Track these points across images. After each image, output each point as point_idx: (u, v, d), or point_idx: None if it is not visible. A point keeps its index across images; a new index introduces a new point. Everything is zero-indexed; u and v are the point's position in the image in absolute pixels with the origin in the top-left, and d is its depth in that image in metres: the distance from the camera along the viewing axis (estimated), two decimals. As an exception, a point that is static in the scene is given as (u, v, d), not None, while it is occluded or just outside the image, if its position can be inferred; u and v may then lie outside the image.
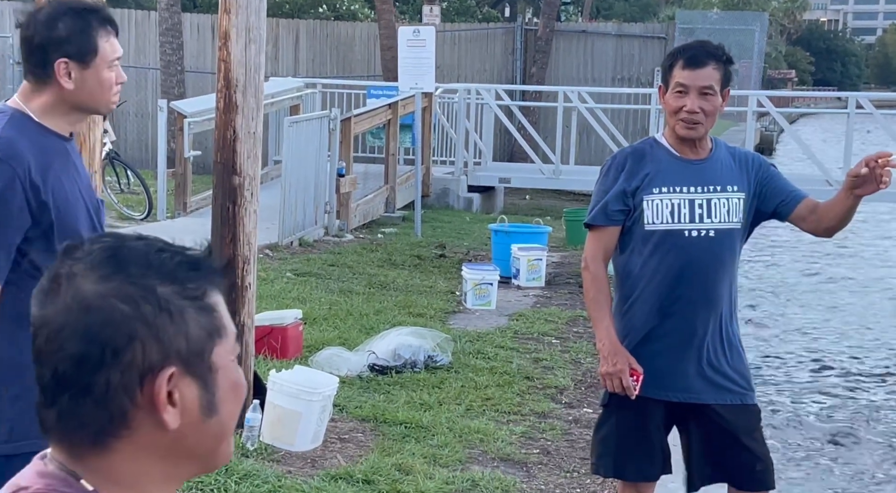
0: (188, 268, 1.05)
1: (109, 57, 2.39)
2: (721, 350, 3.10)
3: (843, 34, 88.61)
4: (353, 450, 4.58)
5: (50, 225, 2.33)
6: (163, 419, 1.02)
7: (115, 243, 1.05)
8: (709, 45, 3.10)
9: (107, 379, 1.01)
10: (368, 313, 7.03)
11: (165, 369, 1.02)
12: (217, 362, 1.06)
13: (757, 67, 22.11)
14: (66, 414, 1.02)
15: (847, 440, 6.20)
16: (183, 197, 10.52)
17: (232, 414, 1.08)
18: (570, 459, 4.69)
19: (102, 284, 1.02)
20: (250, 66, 4.51)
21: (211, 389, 1.06)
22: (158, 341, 1.02)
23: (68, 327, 1.01)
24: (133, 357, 1.01)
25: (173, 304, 1.03)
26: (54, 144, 2.39)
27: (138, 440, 1.03)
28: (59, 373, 1.02)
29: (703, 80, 3.00)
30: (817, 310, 10.07)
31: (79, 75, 2.36)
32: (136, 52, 16.78)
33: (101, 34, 2.38)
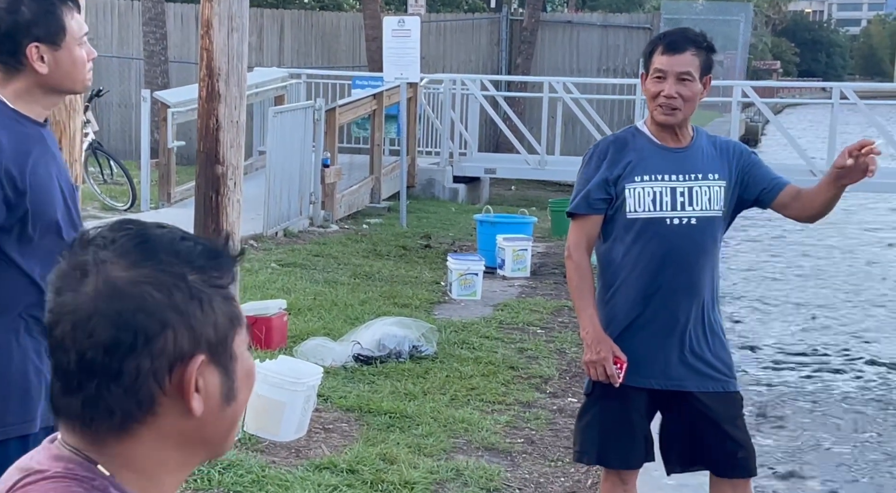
0: (211, 256, 1.06)
1: (77, 34, 2.34)
2: (703, 338, 3.11)
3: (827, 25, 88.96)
4: (337, 440, 4.58)
5: (25, 213, 2.28)
6: (191, 405, 1.03)
7: (142, 231, 1.05)
8: (689, 32, 3.11)
9: (137, 365, 1.01)
10: (353, 303, 7.02)
11: (196, 357, 1.03)
12: (236, 351, 1.08)
13: (742, 58, 22.18)
14: (93, 400, 1.02)
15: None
16: (167, 187, 10.48)
17: (244, 402, 1.10)
18: (555, 448, 4.71)
19: (134, 270, 1.02)
20: (233, 55, 4.49)
21: (231, 376, 1.07)
22: (190, 329, 1.03)
23: (99, 313, 1.01)
24: (165, 344, 1.01)
25: (203, 292, 1.04)
26: (31, 130, 2.34)
27: (162, 426, 1.04)
28: (88, 360, 1.01)
29: (682, 65, 3.01)
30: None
31: (51, 57, 2.31)
32: (120, 42, 16.69)
33: (66, 12, 2.33)
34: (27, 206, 2.27)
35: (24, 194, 2.26)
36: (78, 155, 3.29)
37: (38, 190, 2.30)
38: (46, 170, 2.35)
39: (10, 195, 2.25)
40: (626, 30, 17.76)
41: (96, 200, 10.50)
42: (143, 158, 10.61)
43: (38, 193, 2.29)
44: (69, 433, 1.05)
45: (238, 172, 4.63)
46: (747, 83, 14.15)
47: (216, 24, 4.46)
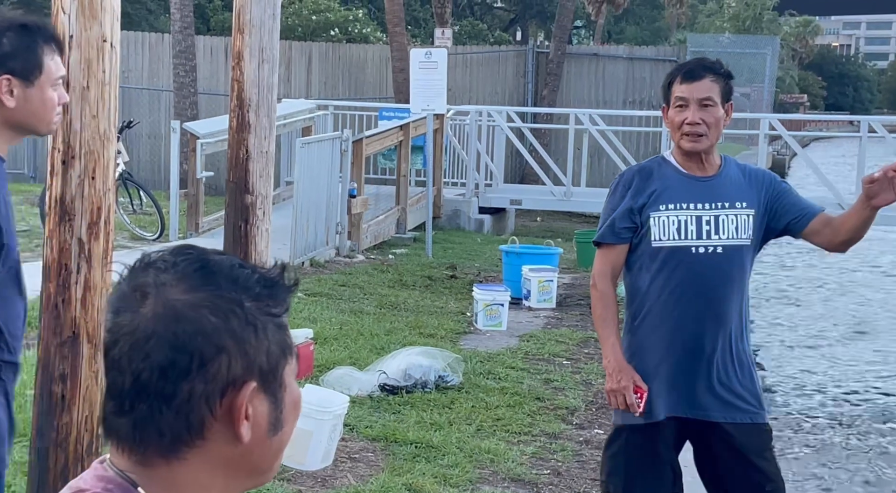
0: (267, 285, 1.07)
1: (54, 75, 2.31)
2: (731, 367, 3.09)
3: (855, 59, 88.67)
4: (363, 470, 4.58)
5: (1, 249, 2.23)
6: (239, 432, 1.04)
7: (203, 256, 1.07)
8: (705, 60, 3.14)
9: (191, 388, 1.02)
10: (379, 333, 7.04)
11: (248, 384, 1.04)
12: (285, 379, 1.08)
13: (769, 91, 22.14)
14: (144, 422, 1.03)
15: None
16: (195, 217, 10.57)
17: (290, 432, 1.10)
18: (581, 480, 4.68)
19: (192, 294, 1.03)
20: (263, 86, 4.55)
21: (279, 406, 1.07)
22: (244, 355, 1.03)
23: (157, 335, 1.02)
24: (219, 369, 1.02)
25: (259, 319, 1.05)
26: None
27: (209, 451, 1.04)
28: (142, 381, 1.02)
29: (702, 92, 3.03)
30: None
31: (21, 93, 2.27)
32: (150, 74, 16.92)
33: (47, 52, 2.30)
34: (3, 242, 2.22)
35: (2, 232, 2.22)
36: (112, 184, 3.32)
37: (9, 228, 2.26)
38: (8, 207, 2.30)
39: None
40: (653, 62, 17.80)
41: (125, 230, 10.61)
42: (173, 188, 10.72)
43: (9, 231, 2.25)
44: (117, 455, 1.06)
45: (267, 201, 4.68)
46: (774, 116, 14.11)
47: (247, 55, 4.53)
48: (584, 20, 39.11)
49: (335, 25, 24.07)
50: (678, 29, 44.01)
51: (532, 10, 37.13)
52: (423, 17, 31.62)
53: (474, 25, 32.86)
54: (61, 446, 2.80)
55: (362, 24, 25.16)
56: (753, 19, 43.53)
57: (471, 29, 31.90)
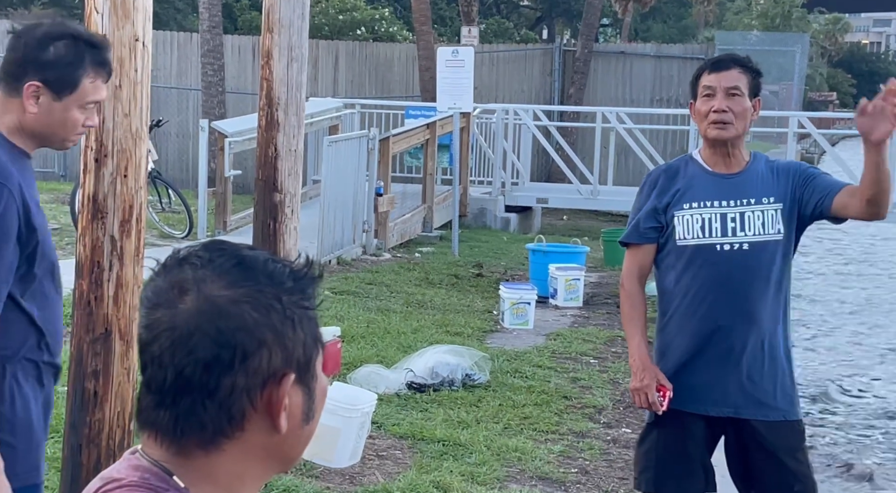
0: (298, 278, 1.09)
1: (87, 98, 2.26)
2: (763, 365, 3.06)
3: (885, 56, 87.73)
4: (391, 467, 4.59)
5: (33, 251, 2.22)
6: (278, 423, 1.06)
7: (238, 252, 1.08)
8: (733, 54, 3.15)
9: (233, 382, 1.04)
10: (406, 331, 7.05)
11: (288, 376, 1.06)
12: (317, 371, 1.11)
13: (798, 89, 21.98)
14: (186, 415, 1.05)
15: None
16: (223, 216, 10.63)
17: (318, 420, 1.13)
18: (609, 479, 4.67)
19: (233, 290, 1.05)
20: (292, 85, 4.57)
21: (312, 396, 1.10)
22: (283, 348, 1.06)
23: (200, 330, 1.03)
24: (260, 362, 1.04)
25: (295, 313, 1.07)
26: (27, 164, 2.28)
27: (247, 441, 1.06)
28: (185, 375, 1.04)
29: (729, 81, 3.02)
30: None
31: (46, 104, 2.23)
32: (178, 73, 17.03)
33: (90, 73, 2.26)
34: (37, 241, 2.21)
35: (35, 231, 2.21)
36: (143, 183, 3.35)
37: (43, 227, 2.25)
38: (39, 204, 2.30)
39: (23, 231, 2.19)
40: (680, 60, 17.70)
41: (154, 228, 10.68)
42: (201, 186, 10.78)
43: (41, 228, 2.25)
44: (152, 445, 1.08)
45: (295, 199, 4.70)
46: (804, 114, 14.00)
47: (276, 54, 4.55)
48: (611, 18, 38.96)
49: (362, 24, 24.13)
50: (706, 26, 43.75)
51: (558, 9, 37.04)
52: (449, 16, 31.62)
53: (500, 24, 32.83)
54: (94, 442, 2.83)
55: (389, 23, 25.21)
56: (782, 17, 43.17)
57: (497, 27, 31.87)
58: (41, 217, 2.26)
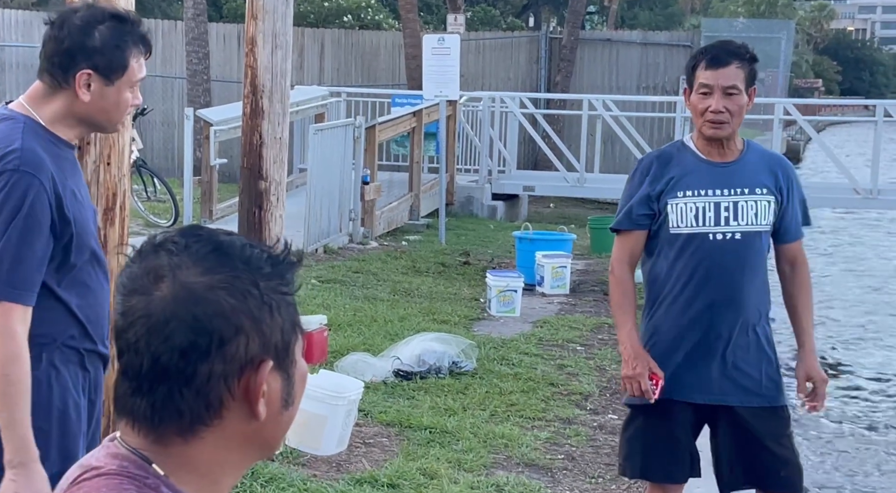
0: (276, 264, 1.08)
1: (135, 77, 2.26)
2: (748, 352, 3.08)
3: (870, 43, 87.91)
4: (377, 454, 4.59)
5: (69, 241, 2.21)
6: (257, 410, 1.06)
7: (214, 237, 1.08)
8: (731, 45, 3.10)
9: (210, 369, 1.03)
10: (393, 319, 7.05)
11: (266, 362, 1.05)
12: (296, 357, 1.10)
13: (783, 76, 22.01)
14: (163, 403, 1.04)
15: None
16: (209, 204, 10.59)
17: (298, 407, 1.12)
18: (595, 465, 4.69)
19: (209, 276, 1.04)
20: (276, 72, 4.55)
21: (291, 382, 1.09)
22: (261, 334, 1.05)
23: (176, 317, 1.03)
24: (237, 349, 1.04)
25: (273, 298, 1.06)
26: (66, 154, 2.26)
27: (226, 428, 1.06)
28: (162, 363, 1.03)
29: (727, 79, 3.00)
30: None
31: (98, 90, 2.22)
32: (163, 61, 16.93)
33: (134, 53, 2.25)
34: (72, 232, 2.20)
35: (70, 222, 2.20)
36: (126, 170, 3.33)
37: (79, 215, 2.24)
38: (83, 196, 2.29)
39: (56, 222, 2.18)
40: (667, 47, 17.70)
41: (139, 217, 10.65)
42: (186, 175, 10.74)
43: (78, 219, 2.23)
44: (130, 433, 1.07)
45: (281, 187, 4.68)
46: (789, 101, 14.04)
47: (260, 41, 4.53)
48: (598, 5, 38.94)
49: (347, 12, 24.04)
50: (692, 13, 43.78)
51: (545, -4, 36.97)
52: (435, 4, 31.54)
53: (487, 11, 32.77)
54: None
55: (375, 11, 25.12)
56: (768, 3, 43.26)
57: (483, 15, 31.81)
58: (78, 207, 2.24)
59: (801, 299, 3.17)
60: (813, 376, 3.11)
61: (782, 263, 3.21)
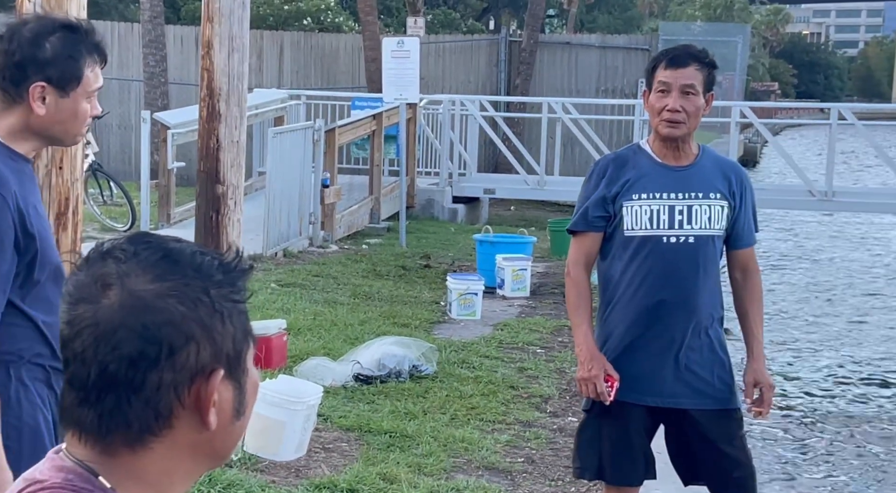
0: (227, 271, 1.07)
1: (91, 87, 2.22)
2: (701, 355, 3.10)
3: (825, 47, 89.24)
4: (337, 459, 4.57)
5: (33, 258, 2.17)
6: (207, 420, 1.04)
7: (164, 244, 1.06)
8: (692, 48, 3.13)
9: (160, 378, 1.01)
10: (353, 323, 7.02)
11: (217, 371, 1.04)
12: (248, 365, 1.09)
13: (740, 80, 22.27)
14: (111, 413, 1.02)
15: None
16: (166, 208, 10.50)
17: (250, 416, 1.11)
18: (555, 467, 4.70)
19: (159, 284, 1.02)
20: (233, 75, 4.53)
21: (243, 391, 1.08)
22: (212, 343, 1.03)
23: (124, 326, 1.01)
24: (188, 358, 1.02)
25: (224, 306, 1.04)
26: (24, 168, 2.22)
27: (176, 439, 1.04)
28: (110, 372, 1.01)
29: (686, 78, 3.03)
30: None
31: (53, 102, 2.17)
32: (120, 64, 16.75)
33: (89, 62, 2.20)
34: (36, 248, 2.16)
35: (34, 238, 2.16)
36: (79, 175, 3.30)
37: (42, 231, 2.20)
38: (41, 209, 2.26)
39: (20, 239, 2.14)
40: (625, 51, 17.83)
41: (96, 222, 10.52)
42: (143, 179, 10.64)
43: (42, 234, 2.20)
44: (76, 445, 1.05)
45: (238, 191, 4.66)
46: (746, 104, 14.18)
47: (217, 44, 4.50)
48: (557, 9, 39.13)
49: (307, 14, 23.95)
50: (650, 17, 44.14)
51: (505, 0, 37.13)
52: (395, 6, 31.51)
53: (447, 14, 32.80)
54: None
55: (334, 14, 25.05)
56: (724, 7, 43.71)
57: (443, 18, 31.84)
58: (41, 222, 2.21)
59: (751, 307, 3.19)
60: (760, 381, 3.13)
61: (734, 269, 3.23)
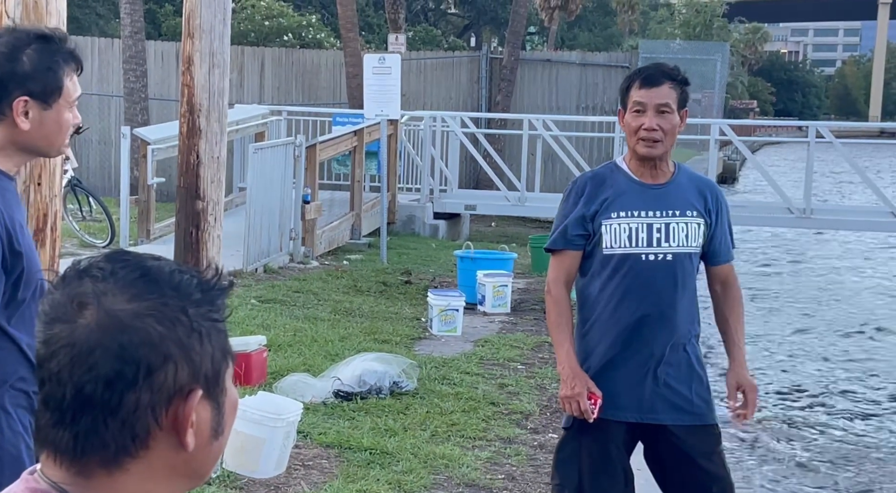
0: (206, 289, 1.06)
1: (72, 97, 2.20)
2: (679, 371, 3.11)
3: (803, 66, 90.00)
4: (316, 476, 4.55)
5: (19, 276, 2.14)
6: (185, 440, 1.03)
7: (142, 263, 1.04)
8: (664, 66, 3.15)
9: (137, 399, 1.00)
10: (333, 339, 7.00)
11: (196, 392, 1.02)
12: (226, 385, 1.08)
13: (719, 97, 22.42)
14: (86, 434, 1.01)
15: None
16: (146, 224, 10.46)
17: (229, 435, 1.10)
18: (536, 484, 4.69)
19: (136, 303, 1.01)
20: (214, 91, 4.52)
21: (221, 411, 1.07)
22: (190, 363, 1.02)
23: (101, 346, 0.99)
24: (165, 378, 1.01)
25: (203, 325, 1.03)
26: (8, 185, 2.19)
27: (153, 460, 1.03)
28: (86, 393, 1.00)
29: (660, 98, 3.05)
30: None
31: (37, 116, 2.15)
32: (100, 79, 16.71)
33: (67, 71, 2.18)
34: (22, 267, 2.13)
35: (20, 256, 2.13)
36: (58, 191, 3.28)
37: (27, 249, 2.17)
38: (25, 226, 2.22)
39: (7, 258, 2.10)
40: (605, 68, 17.93)
41: (74, 237, 10.46)
42: (123, 194, 10.60)
43: (27, 252, 2.17)
44: (51, 466, 1.04)
45: (218, 207, 4.64)
46: (725, 122, 14.26)
47: (197, 60, 4.49)
48: (538, 26, 39.33)
49: (288, 31, 23.96)
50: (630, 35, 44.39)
51: (486, 17, 37.26)
52: (376, 23, 31.59)
53: (428, 31, 32.90)
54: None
55: (316, 30, 25.07)
56: (703, 26, 44.03)
57: (425, 35, 31.93)
58: (25, 239, 2.17)
59: (732, 316, 3.21)
60: (743, 384, 3.15)
61: (714, 284, 3.25)
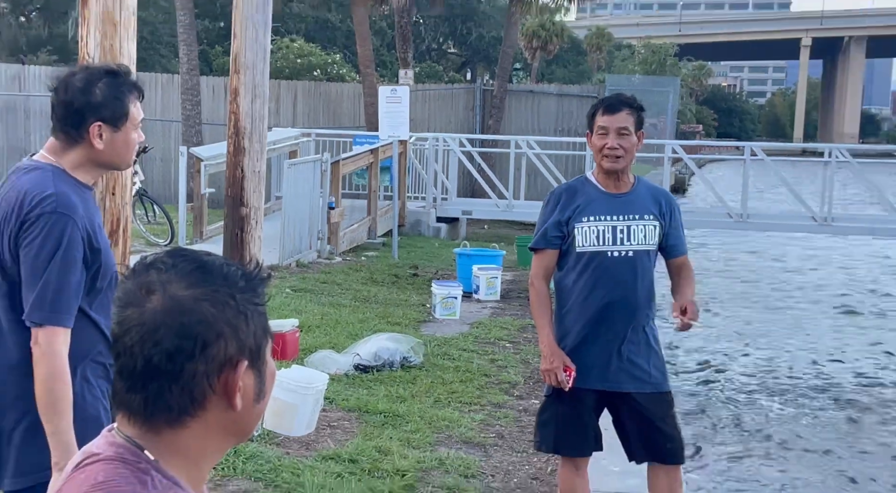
0: (249, 279, 1.07)
1: (136, 120, 2.23)
2: (639, 348, 3.13)
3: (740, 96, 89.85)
4: (340, 435, 4.55)
5: (98, 268, 2.16)
6: (234, 403, 1.04)
7: (197, 258, 1.07)
8: (622, 96, 3.18)
9: (195, 369, 1.02)
10: (354, 322, 7.00)
11: (242, 362, 1.04)
12: (267, 357, 1.09)
13: (671, 122, 22.38)
14: (154, 398, 1.03)
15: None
16: (200, 226, 10.45)
17: (268, 399, 1.11)
18: (521, 441, 4.69)
19: (193, 290, 1.03)
20: (255, 117, 4.52)
21: (263, 378, 1.08)
22: (237, 339, 1.04)
23: (165, 325, 1.01)
24: (218, 351, 1.02)
25: (248, 308, 1.05)
26: (88, 194, 2.23)
27: (208, 419, 1.05)
28: (153, 364, 1.01)
29: (620, 122, 3.07)
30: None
31: (109, 137, 2.17)
32: (163, 108, 16.70)
33: (132, 100, 2.21)
34: (100, 262, 2.16)
35: (100, 252, 2.15)
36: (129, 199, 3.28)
37: (104, 246, 2.20)
38: (102, 227, 2.26)
39: (87, 254, 2.13)
40: (578, 98, 17.91)
41: (141, 238, 10.46)
42: (181, 202, 10.59)
43: (104, 249, 2.19)
44: (126, 424, 1.06)
45: (259, 213, 4.64)
46: (676, 142, 14.26)
47: (242, 92, 4.49)
48: (522, 63, 39.26)
49: (317, 67, 23.92)
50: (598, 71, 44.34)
51: (479, 55, 37.23)
52: (389, 61, 31.55)
53: (432, 67, 32.86)
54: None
55: (339, 66, 25.04)
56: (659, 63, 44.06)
57: (429, 70, 31.89)
58: (103, 239, 2.20)
59: (684, 281, 3.19)
60: (685, 302, 3.10)
61: (672, 272, 3.25)
